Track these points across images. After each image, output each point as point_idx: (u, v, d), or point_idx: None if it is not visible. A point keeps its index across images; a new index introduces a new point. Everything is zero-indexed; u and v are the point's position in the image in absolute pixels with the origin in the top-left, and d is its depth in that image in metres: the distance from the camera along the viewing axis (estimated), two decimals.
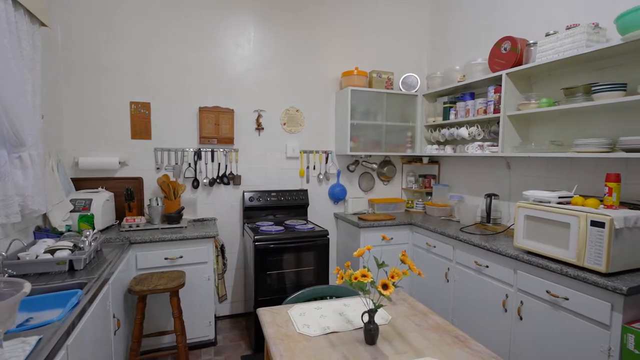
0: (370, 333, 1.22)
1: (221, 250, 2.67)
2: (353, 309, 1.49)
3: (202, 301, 2.45)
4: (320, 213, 3.31)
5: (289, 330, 1.31)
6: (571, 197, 1.89)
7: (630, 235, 1.61)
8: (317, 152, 3.25)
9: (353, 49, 3.30)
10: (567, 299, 1.71)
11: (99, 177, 2.63)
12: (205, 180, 2.90)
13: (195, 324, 2.44)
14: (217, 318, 3.01)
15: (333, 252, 3.34)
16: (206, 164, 2.92)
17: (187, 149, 2.85)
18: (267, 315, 1.44)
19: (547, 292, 1.80)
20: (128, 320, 2.19)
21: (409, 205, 3.47)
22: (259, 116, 3.04)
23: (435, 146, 3.14)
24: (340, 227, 3.28)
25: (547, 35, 2.11)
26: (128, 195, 2.56)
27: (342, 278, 1.21)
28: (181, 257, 2.36)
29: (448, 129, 2.96)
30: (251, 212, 2.99)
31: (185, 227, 2.57)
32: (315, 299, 1.68)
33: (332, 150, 3.31)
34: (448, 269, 2.53)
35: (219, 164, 2.95)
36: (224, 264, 2.73)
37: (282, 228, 2.70)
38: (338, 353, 1.16)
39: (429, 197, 3.41)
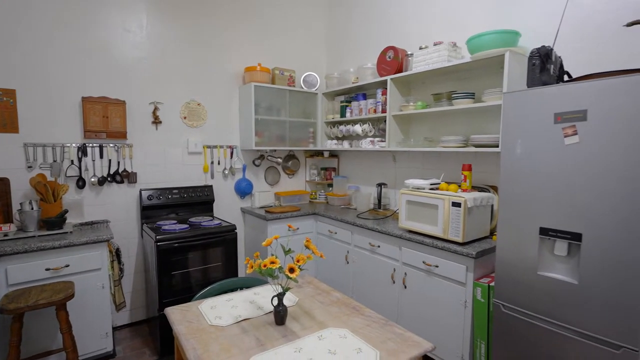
0: (280, 314, 1.34)
1: (116, 254, 2.46)
2: (263, 296, 1.59)
3: (96, 312, 2.23)
4: (227, 208, 3.29)
5: (201, 325, 1.34)
6: (439, 183, 2.31)
7: (478, 212, 2.08)
8: (221, 147, 3.21)
9: (256, 45, 3.34)
10: (437, 266, 2.11)
11: None
12: (93, 179, 2.60)
13: (89, 337, 2.22)
14: (115, 328, 2.76)
15: (241, 246, 3.37)
16: (94, 160, 2.62)
17: (69, 145, 2.52)
18: (176, 313, 1.44)
19: (423, 262, 2.19)
20: (1, 345, 1.88)
21: (312, 196, 3.70)
22: (156, 109, 2.85)
23: (335, 141, 3.42)
24: (247, 221, 3.33)
25: (420, 48, 2.51)
26: None
27: (252, 267, 1.30)
28: (67, 265, 2.11)
29: (345, 125, 3.25)
30: (151, 212, 2.81)
31: (71, 232, 2.29)
32: (226, 293, 1.72)
33: (237, 145, 3.31)
34: (348, 251, 2.82)
35: (110, 160, 2.68)
36: (121, 269, 2.52)
37: (186, 226, 2.62)
38: (250, 337, 1.25)
39: (330, 188, 3.70)
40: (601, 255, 1.37)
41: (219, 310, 1.45)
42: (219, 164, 3.21)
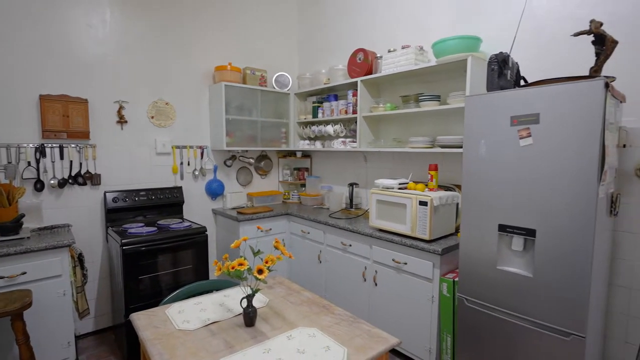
0: (249, 316, 1.33)
1: (79, 259, 2.35)
2: (233, 298, 1.58)
3: (57, 320, 2.13)
4: (198, 210, 3.23)
5: (168, 329, 1.32)
6: (407, 183, 2.38)
7: (443, 210, 2.16)
8: (191, 147, 3.14)
9: (227, 44, 3.29)
10: (406, 263, 2.17)
11: None
12: (52, 182, 2.48)
13: (49, 348, 2.11)
14: (79, 337, 2.64)
15: (213, 248, 3.31)
16: (53, 162, 2.49)
17: (25, 145, 2.38)
18: (142, 318, 1.40)
19: (393, 260, 2.25)
20: None
21: (285, 196, 3.70)
22: (121, 108, 2.75)
23: (307, 141, 3.43)
24: (219, 222, 3.28)
25: (389, 51, 2.57)
26: None
27: (220, 270, 1.29)
28: (24, 273, 2.00)
29: (317, 126, 3.28)
30: (116, 215, 2.70)
31: (28, 237, 2.17)
32: (195, 296, 1.69)
33: (208, 146, 3.25)
34: (320, 251, 2.85)
35: (71, 161, 2.56)
36: (84, 275, 2.41)
37: (154, 229, 2.54)
38: (219, 339, 1.25)
39: (303, 188, 3.71)
40: (552, 249, 1.47)
41: (187, 314, 1.43)
42: (189, 164, 3.14)
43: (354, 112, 2.88)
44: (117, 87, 2.73)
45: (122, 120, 2.75)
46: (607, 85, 1.32)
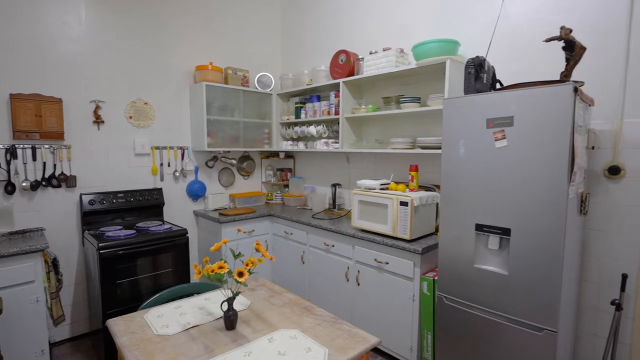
0: (230, 319, 1.33)
1: (53, 264, 2.27)
2: (214, 301, 1.57)
3: (29, 328, 2.05)
4: (179, 212, 3.17)
5: (146, 335, 1.29)
6: (389, 183, 2.41)
7: (424, 210, 2.20)
8: (171, 148, 3.08)
9: (208, 43, 3.25)
10: (387, 263, 2.20)
11: None
12: (24, 184, 2.39)
13: (21, 356, 2.03)
14: (53, 344, 2.55)
15: (194, 250, 3.27)
16: (25, 163, 2.40)
17: None
18: (119, 324, 1.37)
19: (375, 260, 2.27)
20: None
21: (269, 197, 3.68)
22: (98, 108, 2.67)
23: (290, 142, 3.43)
24: (201, 224, 3.23)
25: (371, 53, 2.60)
26: None
27: (199, 273, 1.28)
28: None
29: (300, 126, 3.28)
30: (93, 217, 2.63)
31: None
32: (175, 300, 1.67)
33: (189, 146, 3.20)
34: (303, 252, 2.85)
35: (45, 163, 2.47)
36: (59, 281, 2.33)
37: (133, 231, 2.49)
38: (198, 344, 1.23)
39: (287, 189, 3.70)
40: (526, 248, 1.52)
41: (166, 319, 1.41)
42: (169, 165, 3.08)
43: (337, 113, 2.89)
44: (93, 86, 2.65)
45: (98, 121, 2.68)
46: (575, 90, 1.38)
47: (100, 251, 2.23)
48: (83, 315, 2.70)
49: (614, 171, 1.78)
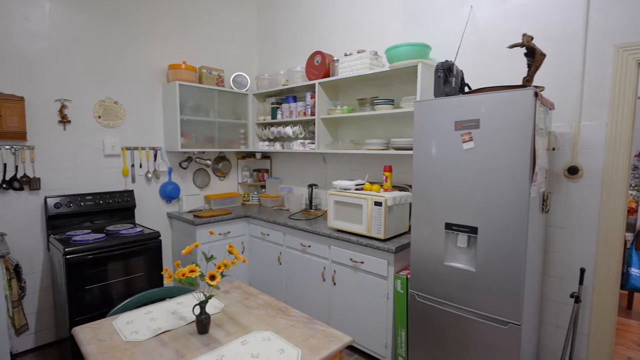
0: (202, 323, 1.31)
1: (15, 271, 2.17)
2: (187, 305, 1.54)
3: None
4: (152, 214, 3.09)
5: (115, 342, 1.26)
6: (364, 184, 2.45)
7: (397, 210, 2.25)
8: (143, 148, 3.00)
9: (181, 41, 3.18)
10: (362, 262, 2.24)
11: None
12: None
13: None
14: (16, 355, 2.43)
15: (168, 253, 3.19)
16: None
17: None
18: (86, 332, 1.33)
19: (351, 259, 2.30)
20: None
21: (245, 198, 3.65)
22: (64, 107, 2.56)
23: (267, 143, 3.41)
24: (175, 226, 3.16)
25: (346, 55, 2.62)
26: None
27: (170, 277, 1.26)
28: None
29: (276, 127, 3.27)
30: (59, 221, 2.52)
31: None
32: (147, 305, 1.63)
33: (162, 147, 3.12)
34: (280, 253, 2.85)
35: (5, 164, 2.35)
36: (22, 288, 2.23)
37: (102, 235, 2.41)
38: (169, 349, 1.21)
39: (263, 190, 3.68)
40: (492, 245, 1.58)
41: (136, 325, 1.37)
42: (140, 166, 3.00)
43: (312, 113, 2.90)
44: (59, 84, 2.54)
45: (64, 120, 2.57)
46: (536, 94, 1.45)
47: (67, 256, 2.14)
48: (49, 324, 2.58)
49: (573, 171, 1.88)
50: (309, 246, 2.59)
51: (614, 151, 1.78)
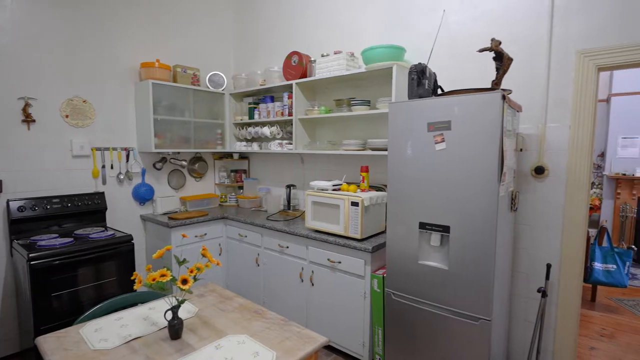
0: (175, 328, 1.28)
1: None
2: (159, 310, 1.50)
3: None
4: (124, 217, 2.99)
5: (81, 351, 1.21)
6: (341, 184, 2.46)
7: (374, 210, 2.28)
8: (114, 149, 2.90)
9: (155, 38, 3.09)
10: (340, 262, 2.25)
11: None
12: None
13: None
14: None
15: (142, 257, 3.10)
16: None
17: None
18: (50, 341, 1.27)
19: (328, 259, 2.31)
20: None
21: (222, 199, 3.60)
22: (27, 105, 2.44)
23: (244, 143, 3.37)
24: (149, 229, 3.08)
25: (322, 56, 2.63)
26: None
27: (140, 282, 1.22)
28: None
29: (254, 127, 3.24)
30: (23, 226, 2.40)
31: None
32: (117, 311, 1.58)
33: (134, 147, 3.03)
34: (258, 254, 2.82)
35: None
36: None
37: (70, 239, 2.31)
38: (140, 356, 1.18)
39: (241, 191, 3.64)
40: (463, 244, 1.63)
41: (105, 332, 1.33)
42: (112, 168, 2.90)
43: (290, 114, 2.89)
44: (22, 82, 2.42)
45: (28, 119, 2.45)
46: (504, 97, 1.50)
47: (31, 262, 2.05)
48: (12, 334, 2.45)
49: (539, 171, 1.96)
50: (287, 247, 2.58)
51: (576, 151, 1.87)
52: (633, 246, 3.10)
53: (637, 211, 4.43)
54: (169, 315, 1.29)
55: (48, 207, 2.48)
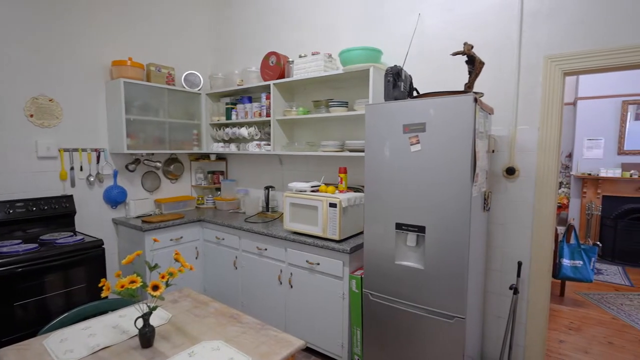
0: (146, 336, 1.24)
1: None
2: (130, 318, 1.45)
3: None
4: (95, 221, 2.87)
5: None
6: (319, 185, 2.46)
7: (352, 211, 2.28)
8: (84, 150, 2.78)
9: (127, 35, 2.99)
10: (318, 264, 2.24)
11: None
12: None
13: None
14: None
15: (114, 262, 2.99)
16: None
17: None
18: (10, 354, 1.20)
19: (307, 261, 2.30)
20: None
21: (200, 201, 3.52)
22: None
23: (221, 144, 3.31)
24: (121, 233, 2.97)
25: (300, 56, 2.62)
26: None
27: (108, 289, 1.17)
28: None
29: (231, 128, 3.18)
30: None
31: None
32: (86, 319, 1.51)
33: (106, 148, 2.92)
34: (236, 257, 2.78)
35: None
36: None
37: (35, 245, 2.19)
38: None
39: (219, 193, 3.58)
40: (438, 244, 1.66)
41: (71, 343, 1.26)
42: (81, 170, 2.78)
43: (268, 115, 2.87)
44: None
45: None
46: (475, 100, 1.54)
47: None
48: None
49: (511, 171, 2.03)
50: (266, 249, 2.55)
51: (545, 152, 1.94)
52: (598, 242, 3.26)
53: (602, 209, 4.66)
54: (140, 322, 1.25)
55: (11, 211, 2.35)
